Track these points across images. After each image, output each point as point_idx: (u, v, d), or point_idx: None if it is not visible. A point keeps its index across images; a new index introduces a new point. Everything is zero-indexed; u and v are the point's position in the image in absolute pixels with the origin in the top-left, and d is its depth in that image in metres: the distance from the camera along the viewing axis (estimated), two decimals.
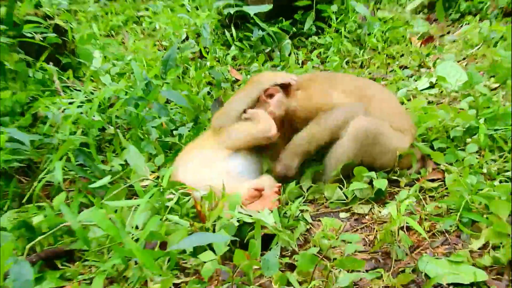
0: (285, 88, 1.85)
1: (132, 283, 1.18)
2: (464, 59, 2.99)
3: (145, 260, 1.07)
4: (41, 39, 2.22)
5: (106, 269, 1.19)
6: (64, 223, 1.25)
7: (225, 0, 3.33)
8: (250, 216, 1.37)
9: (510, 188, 1.46)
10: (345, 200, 1.68)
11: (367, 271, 1.27)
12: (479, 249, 1.33)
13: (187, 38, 3.58)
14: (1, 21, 2.01)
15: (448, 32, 3.58)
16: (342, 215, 1.63)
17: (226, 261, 1.33)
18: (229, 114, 1.78)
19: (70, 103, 1.89)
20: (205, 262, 1.23)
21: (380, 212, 1.60)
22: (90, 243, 1.20)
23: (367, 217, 1.61)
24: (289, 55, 3.19)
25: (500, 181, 1.59)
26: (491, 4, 3.66)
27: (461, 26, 3.57)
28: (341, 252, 1.37)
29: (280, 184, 1.62)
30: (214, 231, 1.35)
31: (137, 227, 1.30)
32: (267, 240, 1.38)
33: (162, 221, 1.29)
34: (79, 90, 2.13)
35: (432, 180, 1.73)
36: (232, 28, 3.29)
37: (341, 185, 1.70)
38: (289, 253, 1.39)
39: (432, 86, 2.59)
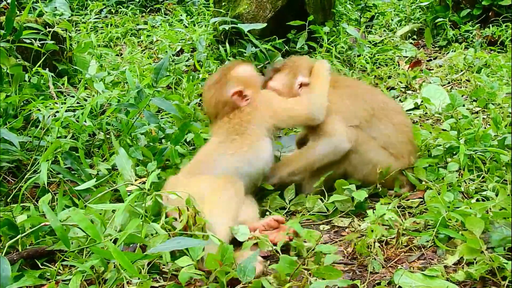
0: None
1: (110, 285, 1.19)
2: (449, 83, 3.10)
3: (123, 261, 1.08)
4: (39, 45, 2.28)
5: (84, 270, 1.20)
6: (45, 223, 1.26)
7: (221, 17, 3.44)
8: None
9: (486, 206, 1.51)
10: (326, 212, 1.71)
11: None
12: (454, 264, 1.35)
13: (181, 51, 3.67)
14: (1, 27, 2.07)
15: (435, 58, 3.72)
16: (323, 227, 1.66)
17: None
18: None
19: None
20: (182, 267, 1.25)
21: (359, 225, 1.64)
22: (69, 243, 1.21)
23: (347, 230, 1.64)
24: None
25: (477, 200, 1.64)
26: (476, 33, 3.83)
27: (448, 52, 3.71)
28: (320, 262, 1.40)
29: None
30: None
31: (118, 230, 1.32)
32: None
33: (142, 225, 1.31)
34: (73, 96, 2.17)
35: (412, 198, 1.78)
36: (227, 44, 3.38)
37: (322, 197, 1.74)
38: (268, 261, 1.41)
39: (417, 107, 2.68)
